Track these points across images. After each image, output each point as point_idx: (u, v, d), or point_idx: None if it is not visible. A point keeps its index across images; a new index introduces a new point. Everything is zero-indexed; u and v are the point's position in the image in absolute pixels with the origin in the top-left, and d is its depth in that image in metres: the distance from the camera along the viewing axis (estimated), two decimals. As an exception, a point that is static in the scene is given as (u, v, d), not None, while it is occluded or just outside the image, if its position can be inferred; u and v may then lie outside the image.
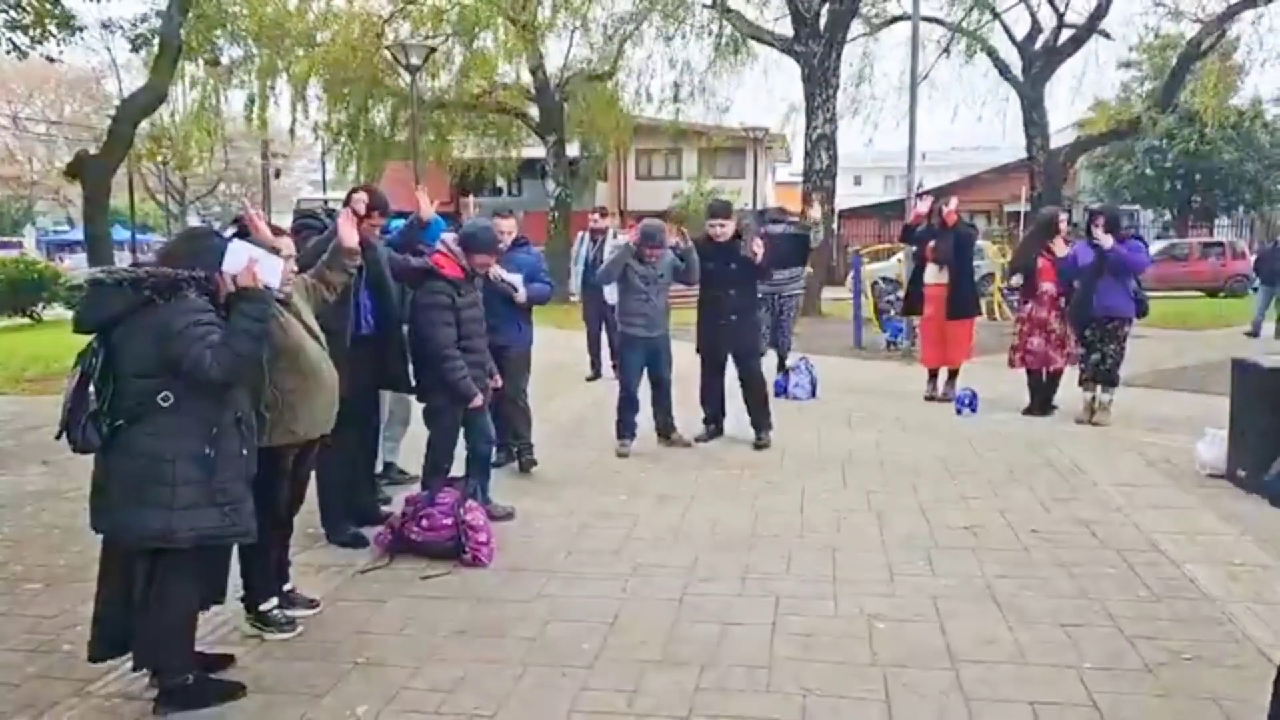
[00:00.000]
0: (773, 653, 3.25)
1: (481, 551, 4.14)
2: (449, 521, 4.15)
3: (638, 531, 4.59)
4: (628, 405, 6.20)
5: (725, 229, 6.26)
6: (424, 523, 4.20)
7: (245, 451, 2.96)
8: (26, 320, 17.46)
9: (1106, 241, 6.53)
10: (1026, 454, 6.04)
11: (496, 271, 5.07)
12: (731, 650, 3.27)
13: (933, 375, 8.04)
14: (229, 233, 3.27)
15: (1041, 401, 7.26)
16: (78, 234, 27.75)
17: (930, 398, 7.94)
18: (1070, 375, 7.18)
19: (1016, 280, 7.49)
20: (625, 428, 6.22)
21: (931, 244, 7.69)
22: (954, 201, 7.69)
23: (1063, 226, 7.25)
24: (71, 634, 3.48)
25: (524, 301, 5.44)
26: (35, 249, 32.06)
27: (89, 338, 2.82)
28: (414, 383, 4.64)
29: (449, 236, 4.61)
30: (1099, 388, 6.85)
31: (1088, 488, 5.23)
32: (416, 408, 5.02)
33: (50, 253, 31.30)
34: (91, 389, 2.74)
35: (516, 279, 5.37)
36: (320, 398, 3.43)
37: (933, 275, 7.71)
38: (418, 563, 4.13)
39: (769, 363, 9.00)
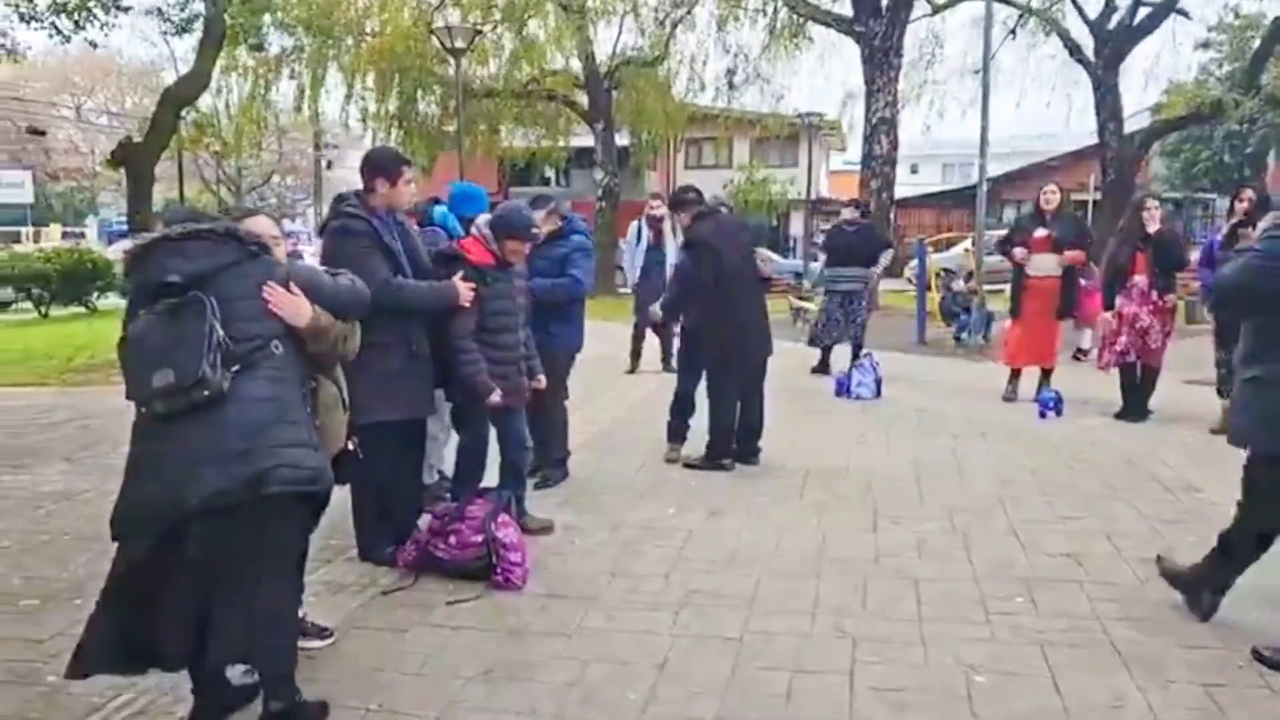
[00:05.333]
0: (853, 712, 2.73)
1: (514, 573, 3.69)
2: (479, 539, 3.70)
3: (689, 551, 4.10)
4: (683, 407, 5.67)
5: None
6: (452, 539, 3.76)
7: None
8: (82, 309, 17.63)
9: None
10: (1124, 466, 5.40)
11: None
12: (803, 707, 2.76)
13: (1014, 375, 7.36)
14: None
15: (1136, 405, 6.58)
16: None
17: (1009, 399, 7.29)
18: (1165, 376, 6.51)
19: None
20: (676, 431, 5.70)
21: (1043, 232, 6.92)
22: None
23: (1150, 214, 6.45)
24: (59, 664, 3.09)
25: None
26: (98, 239, 32.56)
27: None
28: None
29: (481, 219, 4.15)
30: None
31: (1205, 508, 4.57)
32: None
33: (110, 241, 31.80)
34: (220, 331, 2.43)
35: None
36: (335, 415, 2.98)
37: (1048, 267, 6.89)
38: (445, 584, 3.69)
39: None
